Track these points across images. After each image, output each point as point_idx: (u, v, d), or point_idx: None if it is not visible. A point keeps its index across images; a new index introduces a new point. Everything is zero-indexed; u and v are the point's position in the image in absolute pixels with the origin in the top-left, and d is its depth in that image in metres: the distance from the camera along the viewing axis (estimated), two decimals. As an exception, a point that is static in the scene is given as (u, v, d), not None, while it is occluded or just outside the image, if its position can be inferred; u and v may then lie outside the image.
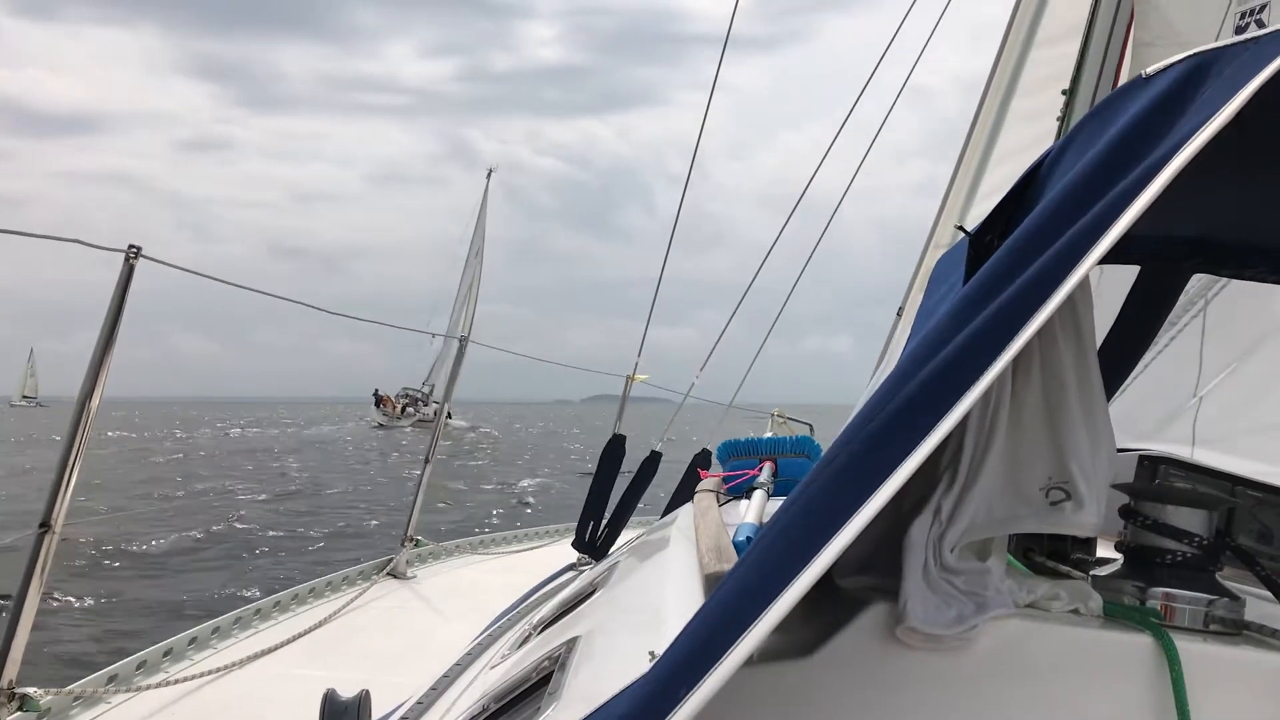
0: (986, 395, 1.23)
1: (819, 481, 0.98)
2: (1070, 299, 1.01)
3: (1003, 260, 1.05)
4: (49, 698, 3.24)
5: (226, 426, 66.01)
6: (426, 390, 64.30)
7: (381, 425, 60.22)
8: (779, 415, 7.00)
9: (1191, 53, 1.11)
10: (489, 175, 68.37)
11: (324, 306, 5.41)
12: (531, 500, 21.83)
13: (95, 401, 3.17)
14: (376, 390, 63.30)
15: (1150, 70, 1.17)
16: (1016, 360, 1.17)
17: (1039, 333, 0.98)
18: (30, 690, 3.12)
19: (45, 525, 3.08)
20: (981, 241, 1.42)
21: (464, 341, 6.29)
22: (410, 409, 61.91)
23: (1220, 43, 1.10)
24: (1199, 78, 1.08)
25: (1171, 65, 1.13)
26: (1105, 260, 1.02)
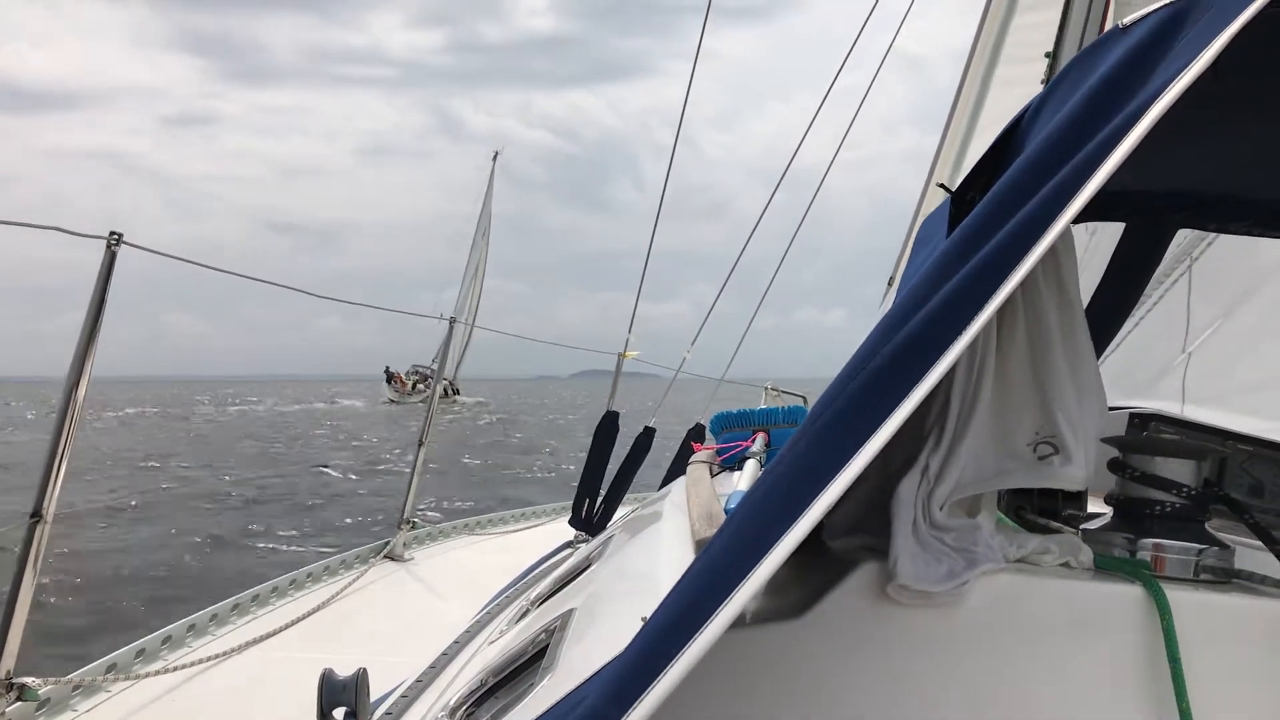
0: (971, 350, 1.22)
1: (805, 439, 0.98)
2: (1053, 250, 1.00)
3: (983, 214, 1.04)
4: (48, 687, 3.23)
5: (249, 403, 66.07)
6: (435, 367, 65.00)
7: (394, 401, 61.39)
8: (771, 389, 7.01)
9: (1168, 1, 1.11)
10: (494, 157, 69.50)
11: (314, 290, 5.41)
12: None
13: (82, 390, 3.15)
14: (388, 368, 65.03)
15: (1127, 20, 1.16)
16: (1001, 314, 1.16)
17: (1022, 286, 0.98)
18: (28, 680, 3.12)
19: (37, 515, 3.06)
20: (964, 198, 1.41)
21: (453, 322, 6.27)
22: (421, 385, 62.88)
23: None
24: (1176, 26, 1.07)
25: (1148, 14, 1.12)
26: (1090, 217, 1.01)
